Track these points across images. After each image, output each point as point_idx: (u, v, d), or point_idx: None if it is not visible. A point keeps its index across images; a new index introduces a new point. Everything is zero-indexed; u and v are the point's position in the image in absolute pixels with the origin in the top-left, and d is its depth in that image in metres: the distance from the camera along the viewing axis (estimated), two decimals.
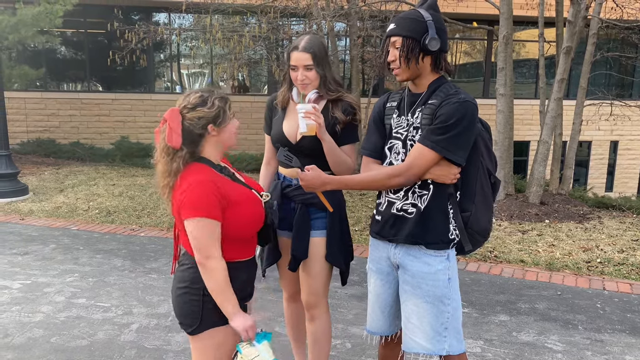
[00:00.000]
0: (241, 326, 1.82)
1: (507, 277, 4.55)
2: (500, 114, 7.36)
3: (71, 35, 12.66)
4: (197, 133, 1.82)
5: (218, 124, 1.83)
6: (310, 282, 2.40)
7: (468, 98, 1.88)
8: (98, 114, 12.48)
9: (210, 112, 1.81)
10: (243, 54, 10.20)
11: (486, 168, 2.02)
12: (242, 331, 1.82)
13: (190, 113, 1.80)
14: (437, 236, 1.96)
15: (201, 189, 1.76)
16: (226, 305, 1.81)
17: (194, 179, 1.78)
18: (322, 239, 2.35)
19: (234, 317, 1.82)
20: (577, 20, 7.40)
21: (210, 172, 1.84)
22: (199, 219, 1.75)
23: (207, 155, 1.88)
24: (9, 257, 4.83)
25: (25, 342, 3.24)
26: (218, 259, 1.78)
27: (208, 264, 1.77)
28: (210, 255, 1.77)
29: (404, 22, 1.92)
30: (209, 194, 1.76)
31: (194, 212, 1.74)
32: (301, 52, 2.23)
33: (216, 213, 1.76)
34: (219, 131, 1.84)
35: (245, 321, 1.82)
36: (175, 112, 1.80)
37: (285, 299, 2.67)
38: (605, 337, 3.42)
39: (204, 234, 1.75)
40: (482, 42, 14.15)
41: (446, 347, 1.98)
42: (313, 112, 2.14)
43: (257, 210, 1.91)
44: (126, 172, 9.54)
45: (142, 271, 4.54)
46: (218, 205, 1.77)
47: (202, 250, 1.76)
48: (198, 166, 1.84)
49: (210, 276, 1.78)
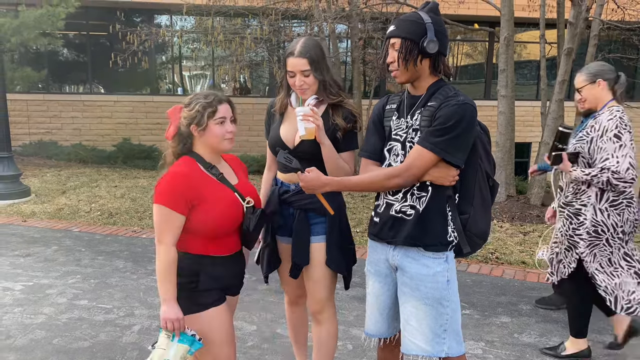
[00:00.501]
0: (164, 314, 1.92)
1: (509, 278, 4.55)
2: (502, 116, 7.36)
3: (73, 38, 12.70)
4: (184, 130, 2.01)
5: (198, 125, 1.97)
6: (314, 287, 2.39)
7: (467, 100, 1.89)
8: (100, 115, 12.50)
9: (190, 114, 1.97)
10: (244, 56, 10.22)
11: (484, 171, 2.02)
12: (162, 320, 1.93)
13: (182, 112, 2.01)
14: (435, 238, 1.96)
15: (172, 180, 1.93)
16: (161, 289, 1.93)
17: (173, 169, 1.97)
18: (323, 244, 2.33)
19: (164, 303, 1.93)
20: (578, 22, 7.40)
21: (193, 166, 2.00)
22: (159, 206, 1.92)
23: (199, 152, 2.04)
24: (11, 259, 4.84)
25: (28, 343, 3.25)
26: (167, 246, 1.92)
27: (158, 248, 1.93)
28: (161, 240, 1.93)
29: (404, 24, 1.93)
30: (176, 186, 1.92)
31: (158, 198, 1.92)
32: (297, 58, 2.18)
33: (178, 206, 1.91)
34: (200, 133, 1.99)
35: (171, 312, 1.91)
36: (178, 109, 2.03)
37: (287, 302, 2.66)
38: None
39: (161, 220, 1.92)
40: (484, 43, 14.16)
41: (445, 349, 1.98)
42: (312, 115, 2.12)
43: (230, 211, 2.00)
44: (128, 174, 9.56)
45: (144, 273, 4.54)
46: (182, 200, 1.91)
47: (157, 233, 1.94)
48: (185, 159, 2.02)
49: (157, 259, 1.94)
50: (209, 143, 2.01)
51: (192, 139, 2.03)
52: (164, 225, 1.92)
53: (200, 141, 2.02)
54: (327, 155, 2.22)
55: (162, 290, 1.93)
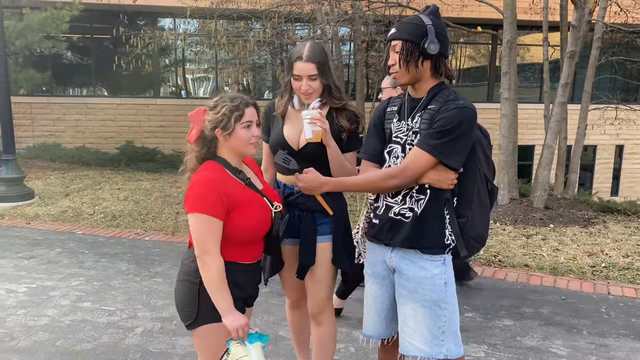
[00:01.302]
0: (232, 324, 1.85)
1: (511, 281, 4.54)
2: (505, 118, 7.36)
3: (77, 41, 12.75)
4: (208, 134, 1.91)
5: (224, 129, 1.89)
6: (317, 287, 2.40)
7: (467, 104, 1.90)
8: (103, 118, 12.54)
9: (216, 117, 1.89)
10: (247, 59, 10.25)
11: (484, 175, 2.02)
12: (233, 329, 1.85)
13: (206, 115, 1.91)
14: (432, 241, 1.96)
15: (205, 186, 1.82)
16: (219, 301, 1.84)
17: (202, 175, 1.86)
18: (328, 244, 2.35)
19: (226, 314, 1.85)
20: (581, 25, 7.40)
21: (221, 171, 1.91)
22: (198, 214, 1.80)
23: (224, 156, 1.95)
24: (14, 261, 4.86)
25: (31, 345, 3.26)
26: (214, 256, 1.81)
27: (204, 259, 1.82)
28: (207, 250, 1.81)
29: (405, 26, 1.95)
30: (211, 191, 1.81)
31: (194, 207, 1.81)
32: (305, 63, 2.20)
33: (217, 211, 1.81)
34: (226, 137, 1.90)
35: (237, 319, 1.85)
36: (201, 111, 1.93)
37: (288, 305, 2.66)
38: (610, 342, 3.41)
39: (202, 229, 1.81)
40: (487, 46, 14.16)
41: (444, 350, 1.98)
42: (319, 118, 2.14)
43: (262, 216, 1.93)
44: (131, 177, 9.58)
45: (147, 275, 4.55)
46: (220, 204, 1.81)
47: (200, 245, 1.82)
48: (211, 164, 1.92)
49: (206, 271, 1.82)
50: (234, 147, 1.94)
51: (216, 142, 1.94)
52: (207, 233, 1.81)
53: (224, 145, 1.94)
54: (333, 156, 2.24)
55: (220, 302, 1.84)
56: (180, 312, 1.95)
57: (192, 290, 1.89)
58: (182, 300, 1.93)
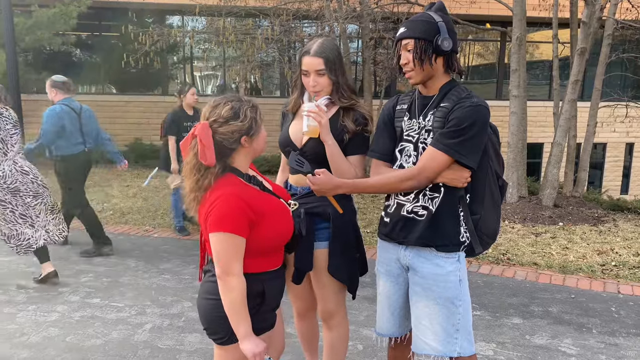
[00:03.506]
0: (251, 351, 1.75)
1: (520, 279, 4.52)
2: (514, 116, 7.32)
3: (86, 38, 12.81)
4: (230, 147, 1.76)
5: (251, 135, 1.78)
6: (322, 293, 2.33)
7: (480, 102, 1.89)
8: (112, 116, 12.59)
9: (244, 124, 1.75)
10: (255, 56, 10.25)
11: (494, 171, 2.02)
12: (251, 357, 1.76)
13: (223, 127, 1.73)
14: (447, 239, 1.96)
15: (229, 204, 1.70)
16: (240, 325, 1.74)
17: (223, 192, 1.72)
18: (325, 250, 2.25)
19: (245, 340, 1.76)
20: (591, 21, 7.33)
21: (240, 184, 1.78)
22: (223, 234, 1.69)
23: (237, 165, 1.82)
24: (25, 257, 4.89)
25: (41, 340, 3.29)
26: (237, 277, 1.72)
27: (227, 280, 1.72)
28: (231, 271, 1.71)
29: (415, 24, 1.93)
30: (236, 209, 1.70)
31: (219, 226, 1.69)
32: (313, 57, 2.15)
33: (242, 229, 1.70)
34: (251, 141, 1.79)
35: (256, 346, 1.76)
36: (206, 127, 1.71)
37: (295, 316, 2.58)
38: (620, 341, 3.39)
39: (227, 249, 1.70)
40: (496, 43, 14.08)
41: (457, 348, 1.97)
42: (315, 111, 2.06)
43: (287, 220, 1.86)
44: (140, 174, 9.63)
45: (156, 272, 4.57)
46: (245, 221, 1.71)
47: (222, 265, 1.71)
48: (227, 178, 1.78)
49: (228, 293, 1.73)
50: (256, 150, 1.82)
51: (233, 152, 1.79)
52: (232, 253, 1.70)
53: (243, 152, 1.80)
54: (330, 153, 2.13)
55: (241, 326, 1.74)
56: (211, 331, 1.85)
57: (224, 312, 1.78)
58: (214, 322, 1.82)
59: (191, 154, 1.75)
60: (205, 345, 3.24)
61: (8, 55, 7.11)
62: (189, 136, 1.76)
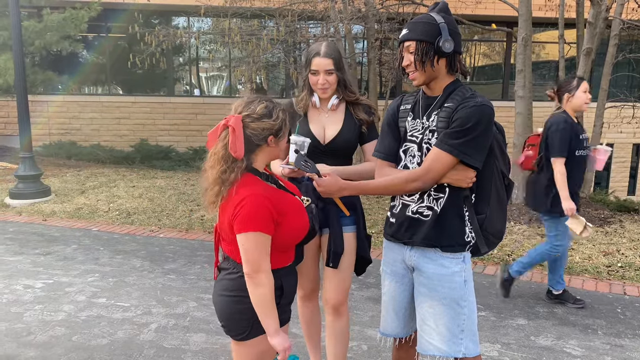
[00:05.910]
0: (281, 346, 1.80)
1: (525, 280, 4.51)
2: (519, 116, 7.29)
3: (92, 39, 12.88)
4: (256, 144, 1.80)
5: (279, 136, 1.82)
6: (341, 276, 2.47)
7: (484, 102, 1.89)
8: (118, 116, 12.67)
9: (275, 124, 1.79)
10: (261, 57, 10.27)
11: (500, 170, 2.02)
12: (282, 351, 1.81)
13: (255, 123, 1.77)
14: (453, 239, 1.96)
15: (257, 204, 1.75)
16: (270, 320, 1.79)
17: (249, 192, 1.76)
18: (352, 234, 2.47)
19: (275, 335, 1.80)
20: (598, 22, 7.30)
21: (262, 184, 1.83)
22: (253, 233, 1.74)
23: (256, 165, 1.86)
24: (32, 257, 4.93)
25: (48, 340, 3.31)
26: (267, 273, 1.77)
27: (258, 277, 1.76)
28: (261, 269, 1.75)
29: (417, 26, 1.93)
30: (263, 208, 1.75)
31: (249, 226, 1.73)
32: (323, 58, 2.39)
33: (269, 227, 1.76)
34: (277, 142, 1.83)
35: (285, 342, 1.81)
36: (239, 120, 1.76)
37: (300, 297, 2.69)
38: (626, 343, 3.38)
39: (257, 247, 1.75)
40: (501, 43, 14.03)
41: (462, 349, 1.97)
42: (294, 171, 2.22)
43: (304, 217, 1.90)
44: (146, 174, 9.66)
45: (161, 272, 4.59)
46: (271, 220, 1.76)
47: (253, 263, 1.75)
48: (250, 177, 1.82)
49: (260, 289, 1.77)
50: (277, 152, 1.86)
51: (257, 150, 1.82)
52: (262, 251, 1.75)
53: (265, 152, 1.84)
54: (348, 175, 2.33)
55: (271, 322, 1.78)
56: (231, 328, 1.88)
57: (246, 307, 1.82)
58: (234, 318, 1.86)
59: (220, 144, 1.79)
60: (211, 345, 3.25)
61: (15, 56, 7.15)
62: (218, 126, 1.81)
